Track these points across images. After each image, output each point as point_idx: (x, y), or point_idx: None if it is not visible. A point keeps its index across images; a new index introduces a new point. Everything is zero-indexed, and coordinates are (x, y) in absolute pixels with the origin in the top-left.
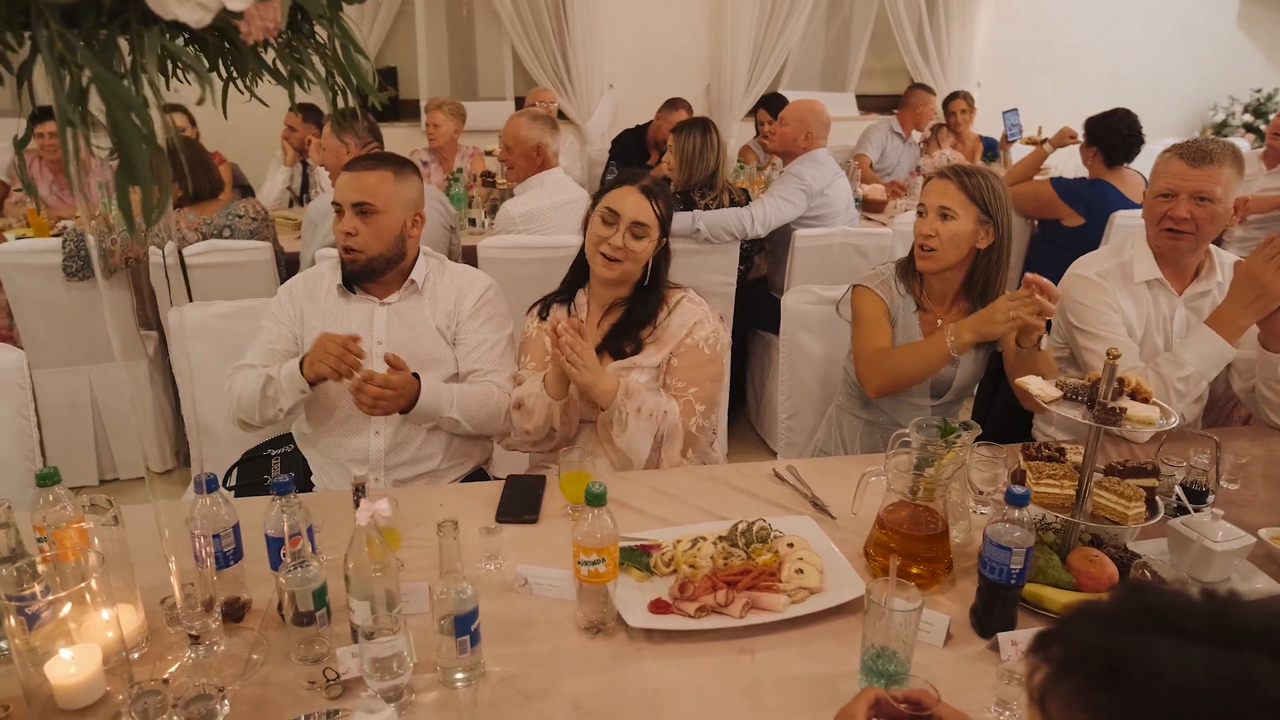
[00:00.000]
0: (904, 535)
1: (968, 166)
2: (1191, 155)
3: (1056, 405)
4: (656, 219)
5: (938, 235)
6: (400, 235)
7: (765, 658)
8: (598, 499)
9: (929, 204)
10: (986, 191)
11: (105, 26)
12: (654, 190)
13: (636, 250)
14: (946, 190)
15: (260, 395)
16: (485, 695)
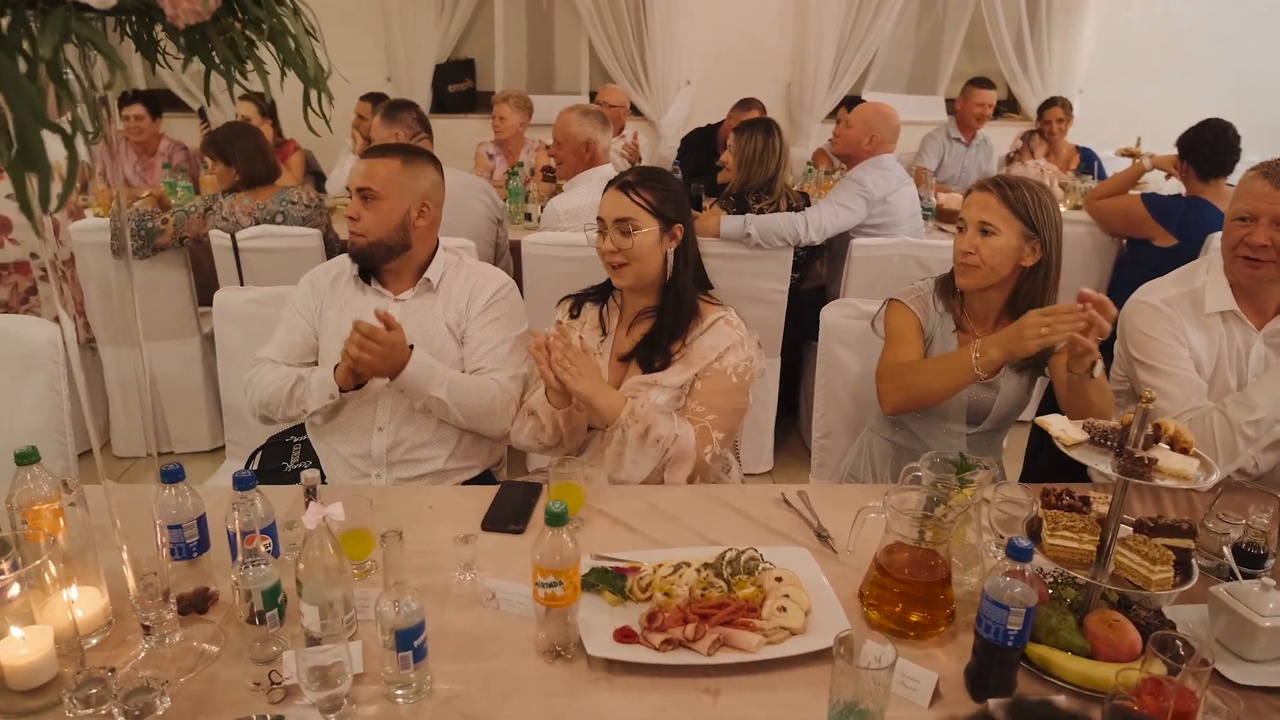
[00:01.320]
0: (901, 580)
1: (1011, 178)
2: (1276, 175)
3: (1079, 451)
4: (642, 208)
5: (977, 252)
6: (402, 224)
7: (730, 701)
8: (557, 519)
9: (969, 218)
10: (1032, 205)
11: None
12: (632, 182)
13: (630, 247)
14: (987, 204)
15: (288, 395)
16: (426, 713)
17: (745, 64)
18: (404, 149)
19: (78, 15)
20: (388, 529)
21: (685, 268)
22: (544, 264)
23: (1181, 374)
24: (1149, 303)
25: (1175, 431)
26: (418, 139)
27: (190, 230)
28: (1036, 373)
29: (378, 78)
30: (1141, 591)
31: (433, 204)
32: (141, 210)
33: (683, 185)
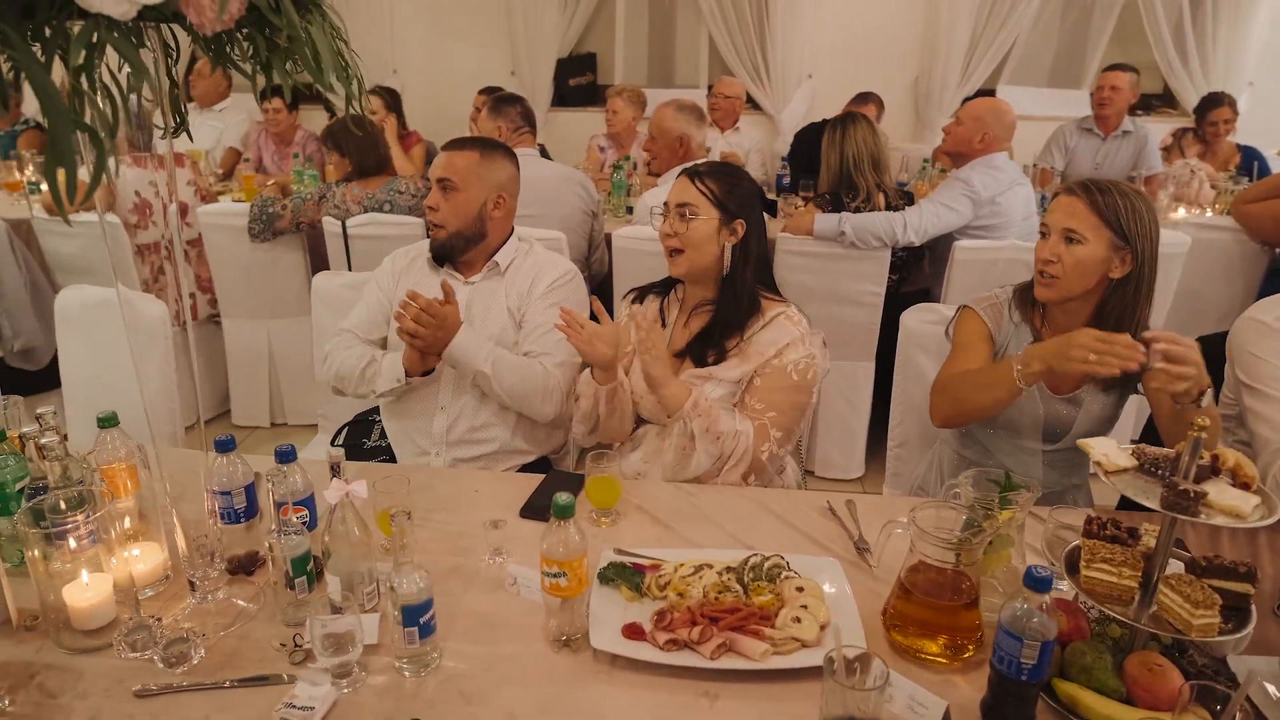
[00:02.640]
0: (923, 602)
1: (1103, 182)
2: None
3: (1121, 479)
4: (705, 197)
5: (1060, 261)
6: (479, 214)
7: (727, 707)
8: (563, 510)
9: (1052, 224)
10: (1125, 212)
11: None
12: (699, 171)
13: (688, 233)
14: (1074, 209)
15: (359, 374)
16: (428, 689)
17: (870, 57)
18: (482, 142)
19: (105, 25)
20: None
21: (745, 264)
22: (633, 257)
23: None
24: (1261, 320)
25: (1236, 463)
26: (519, 133)
27: (306, 216)
28: (1128, 390)
29: (503, 71)
30: (1183, 636)
31: (508, 195)
32: (265, 197)
33: (756, 186)
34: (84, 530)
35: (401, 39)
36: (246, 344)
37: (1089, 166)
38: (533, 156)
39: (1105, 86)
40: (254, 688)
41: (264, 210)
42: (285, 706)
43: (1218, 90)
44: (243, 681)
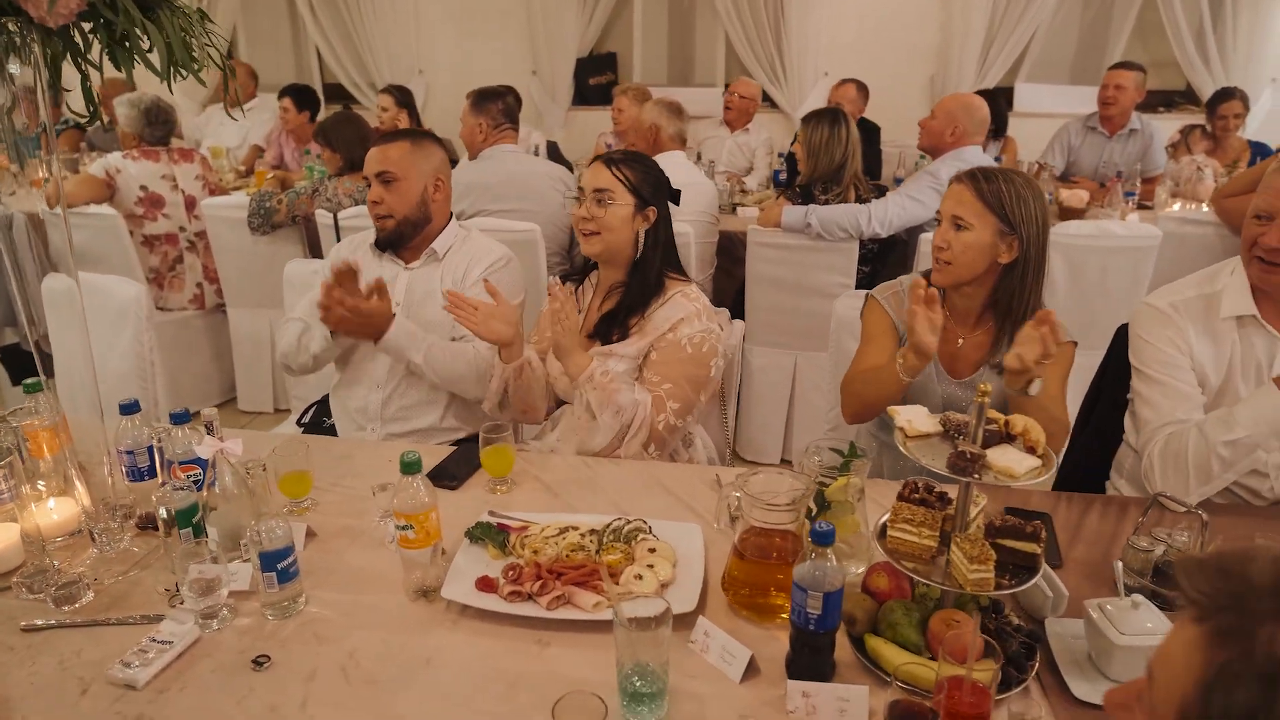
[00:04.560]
0: (753, 562)
1: (990, 169)
2: None
3: (919, 444)
4: (621, 183)
5: (950, 247)
6: (422, 199)
7: (555, 654)
8: (409, 467)
9: (944, 212)
10: (1009, 199)
11: None
12: (617, 159)
13: (604, 217)
14: (962, 197)
15: (297, 343)
16: (286, 630)
17: (885, 55)
18: (409, 132)
19: None
20: (253, 462)
21: (655, 249)
22: None
23: (1173, 384)
24: (1156, 306)
25: (1024, 428)
26: (500, 129)
27: (301, 209)
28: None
29: (524, 71)
30: (961, 590)
31: (445, 178)
32: (262, 191)
33: (665, 177)
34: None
35: (427, 40)
36: (250, 332)
37: (1093, 165)
38: (514, 153)
39: (1110, 85)
40: (130, 625)
41: (261, 204)
42: (148, 640)
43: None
44: (121, 620)
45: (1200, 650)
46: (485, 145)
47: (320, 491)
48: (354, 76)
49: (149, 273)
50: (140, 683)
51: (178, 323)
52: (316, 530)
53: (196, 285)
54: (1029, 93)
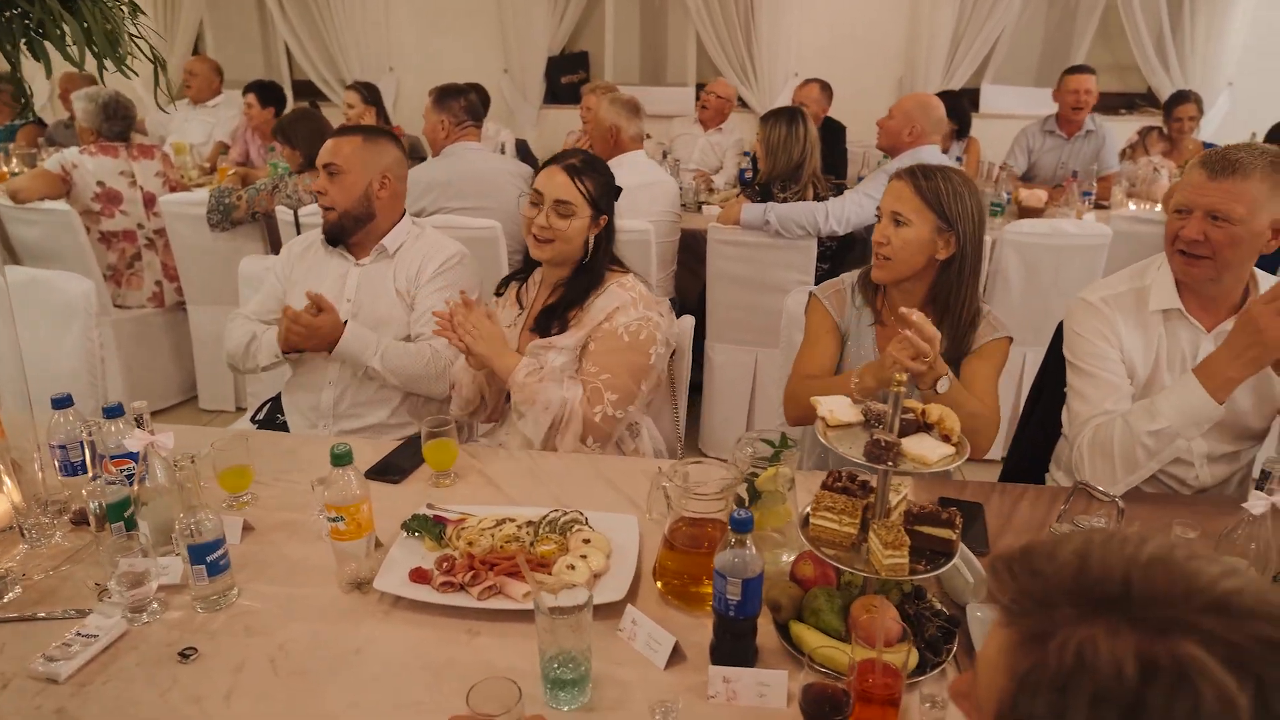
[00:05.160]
0: (681, 551)
1: (929, 167)
2: (1213, 164)
3: (839, 434)
4: (583, 197)
5: (889, 243)
6: (365, 195)
7: (484, 643)
8: (339, 459)
9: (884, 207)
10: (946, 196)
11: None
12: (580, 169)
13: (563, 229)
14: (901, 194)
15: (244, 350)
16: (216, 623)
17: (855, 56)
18: (363, 129)
19: None
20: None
21: (604, 252)
22: None
23: (1102, 376)
24: (1088, 300)
25: (940, 417)
26: (462, 127)
27: (260, 206)
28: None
29: (495, 69)
30: (876, 575)
31: (394, 177)
32: (221, 187)
33: (613, 177)
34: None
35: (397, 36)
36: (211, 331)
37: (1053, 167)
38: (476, 150)
39: (1080, 90)
40: (57, 620)
41: (220, 200)
42: (73, 634)
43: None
44: (48, 615)
45: (1007, 655)
46: (448, 142)
47: (262, 486)
48: (323, 73)
49: (106, 270)
50: (62, 676)
51: (136, 321)
52: (255, 524)
53: (155, 283)
54: (995, 94)
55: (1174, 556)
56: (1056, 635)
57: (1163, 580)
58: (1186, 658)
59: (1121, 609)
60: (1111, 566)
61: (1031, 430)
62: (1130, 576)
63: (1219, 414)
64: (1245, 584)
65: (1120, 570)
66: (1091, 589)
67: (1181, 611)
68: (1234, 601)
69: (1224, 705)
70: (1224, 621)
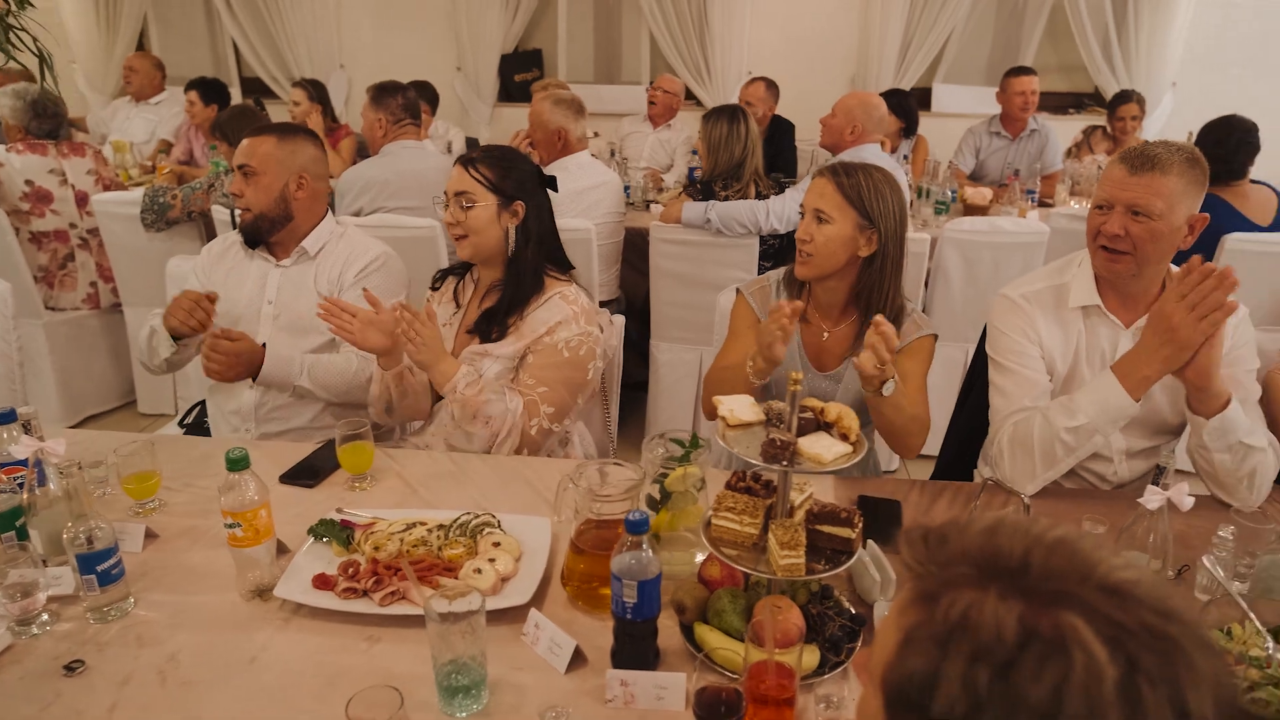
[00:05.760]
0: (588, 554)
1: (850, 164)
2: (1133, 160)
3: (738, 434)
4: (480, 184)
5: (812, 240)
6: (281, 196)
7: (384, 650)
8: (234, 464)
9: (806, 205)
10: (868, 193)
11: None
12: (475, 159)
13: (469, 220)
14: (824, 191)
15: (147, 344)
16: (109, 633)
17: (808, 55)
18: (278, 128)
19: None
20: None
21: (528, 243)
22: None
23: (1022, 372)
24: (1009, 296)
25: (837, 416)
26: (400, 125)
27: (196, 205)
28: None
29: (448, 67)
30: (774, 576)
31: (311, 177)
32: (156, 186)
33: (534, 167)
34: None
35: (349, 33)
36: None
37: (1001, 166)
38: (415, 148)
39: (1025, 92)
40: None
41: (155, 200)
42: None
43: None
44: None
45: (900, 614)
46: (386, 141)
47: (171, 492)
48: (272, 70)
49: (37, 271)
50: None
51: (70, 323)
52: (160, 530)
53: (90, 284)
54: (946, 93)
55: (1079, 543)
56: (947, 594)
57: (1062, 559)
58: (1066, 626)
59: (1017, 579)
60: (1016, 541)
61: (961, 426)
62: (1032, 552)
63: (1135, 411)
64: (1142, 577)
65: (1023, 545)
66: (993, 559)
67: (1073, 587)
68: (1126, 588)
69: (1091, 676)
70: (1112, 601)
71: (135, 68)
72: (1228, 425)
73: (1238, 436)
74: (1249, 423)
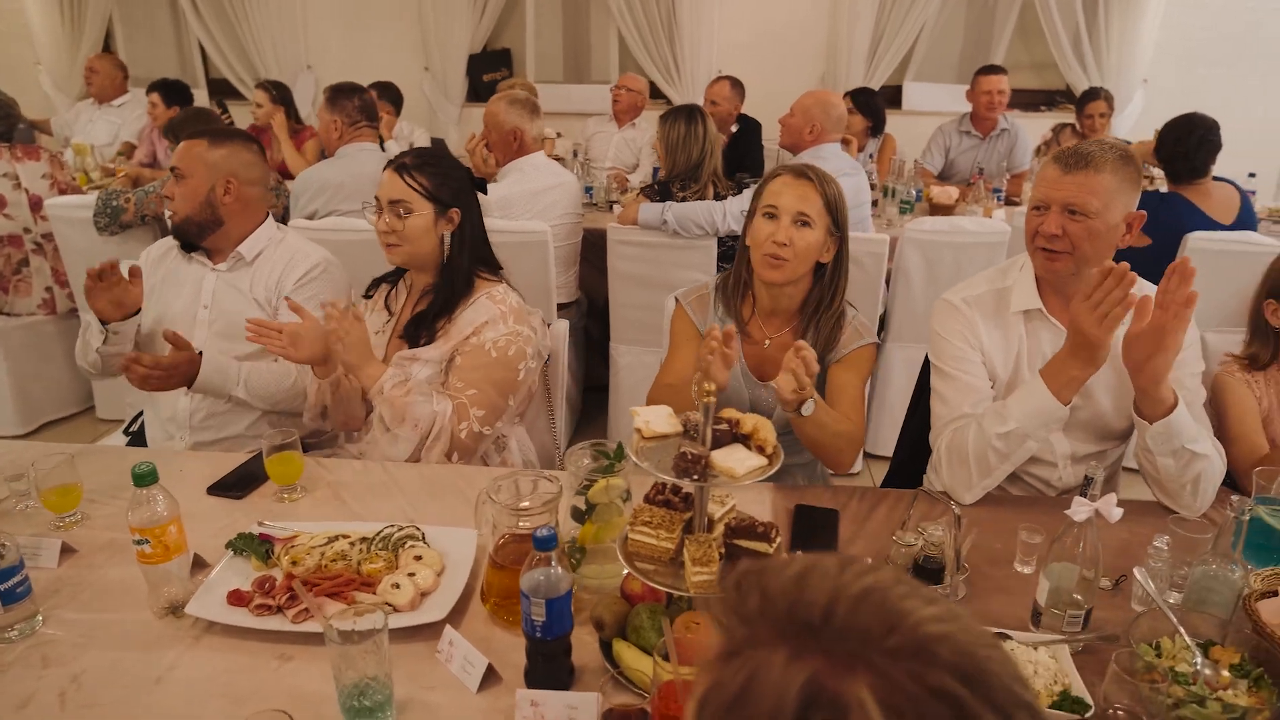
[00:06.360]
0: (509, 571)
1: (820, 170)
2: (1067, 159)
3: (649, 447)
4: (417, 193)
5: (792, 244)
6: (208, 200)
7: (294, 668)
8: (141, 479)
9: (783, 207)
10: (838, 200)
11: None
12: (410, 165)
13: (403, 230)
14: (807, 195)
15: (81, 342)
16: (13, 653)
17: (777, 53)
18: (215, 131)
19: None
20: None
21: (462, 250)
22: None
23: (963, 379)
24: (950, 301)
25: (754, 428)
26: (356, 127)
27: (149, 209)
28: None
29: (416, 67)
30: (687, 593)
31: (240, 181)
32: (109, 190)
33: (465, 170)
34: None
35: (316, 34)
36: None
37: (969, 164)
38: (370, 151)
39: (993, 91)
40: None
41: (108, 204)
42: None
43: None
44: None
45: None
46: (341, 143)
47: (97, 505)
48: (239, 71)
49: None
50: None
51: (27, 329)
52: (79, 545)
53: (46, 289)
54: (917, 92)
55: (889, 592)
56: (744, 653)
57: (868, 612)
58: (849, 696)
59: (817, 636)
60: (821, 593)
61: (915, 427)
62: (836, 604)
63: (1064, 414)
64: (952, 630)
65: (827, 598)
66: (796, 613)
67: (873, 646)
68: (930, 645)
69: None
70: (910, 663)
71: (96, 69)
72: (1172, 430)
73: (1182, 441)
74: (1195, 428)
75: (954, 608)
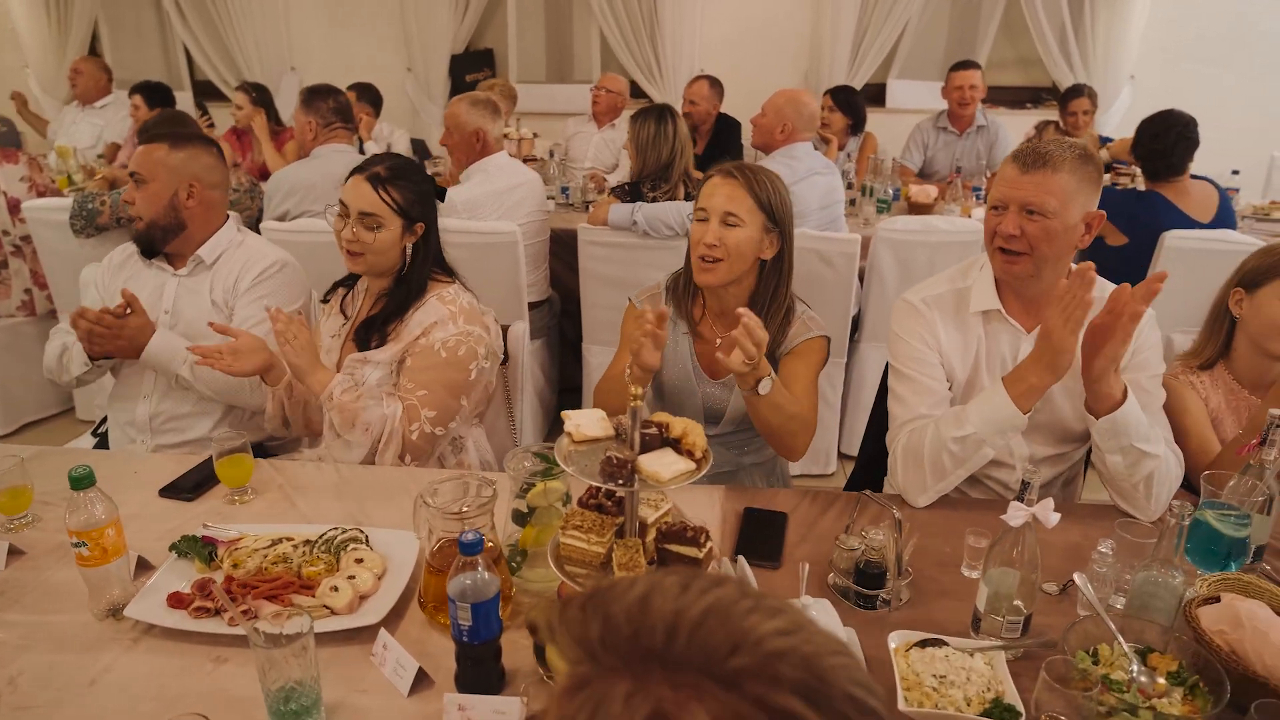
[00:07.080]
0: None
1: (752, 165)
2: (1024, 159)
3: (577, 451)
4: (390, 208)
5: (722, 244)
6: (171, 204)
7: (228, 670)
8: (78, 482)
9: (711, 208)
10: (774, 196)
11: None
12: (384, 178)
13: (370, 241)
14: (734, 193)
15: (58, 361)
16: None
17: (760, 51)
18: (175, 135)
19: None
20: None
21: (425, 260)
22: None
23: (920, 380)
24: (910, 301)
25: (684, 431)
26: (331, 128)
27: (124, 211)
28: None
29: (399, 68)
30: None
31: (203, 185)
32: (85, 193)
33: (430, 180)
34: None
35: (299, 35)
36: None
37: (948, 161)
38: (344, 152)
39: (965, 86)
40: None
41: (84, 206)
42: None
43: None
44: None
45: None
46: (316, 144)
47: (49, 507)
48: (224, 73)
49: None
50: None
51: (7, 330)
52: (28, 547)
53: (25, 291)
54: (901, 89)
55: (731, 610)
56: (589, 687)
57: (709, 634)
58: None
59: (660, 662)
60: (663, 617)
61: (876, 430)
62: (678, 629)
63: (1023, 423)
64: (798, 643)
65: (669, 621)
66: (639, 640)
67: (715, 671)
68: (772, 664)
69: None
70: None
71: (80, 70)
72: (1118, 426)
73: (1130, 439)
74: (1147, 427)
75: (798, 617)
